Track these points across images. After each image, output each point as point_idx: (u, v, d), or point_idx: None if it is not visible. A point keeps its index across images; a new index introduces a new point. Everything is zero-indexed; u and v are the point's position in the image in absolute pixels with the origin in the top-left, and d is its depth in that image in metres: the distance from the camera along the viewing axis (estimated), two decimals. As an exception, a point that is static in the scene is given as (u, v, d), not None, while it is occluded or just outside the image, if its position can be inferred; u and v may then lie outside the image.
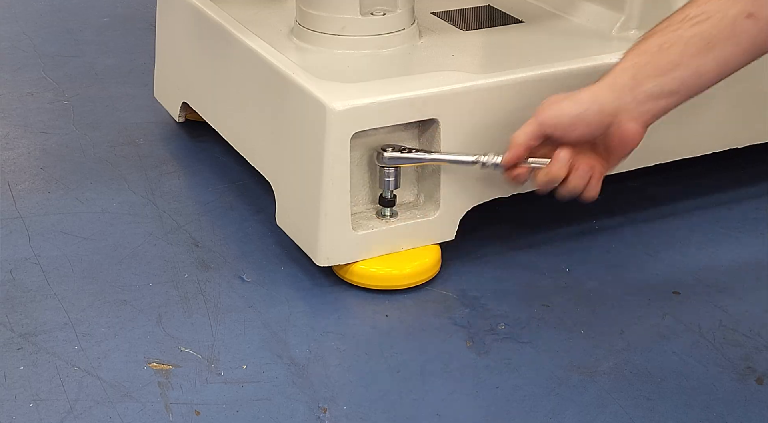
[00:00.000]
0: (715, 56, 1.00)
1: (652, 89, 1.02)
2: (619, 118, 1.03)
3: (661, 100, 1.03)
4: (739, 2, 0.99)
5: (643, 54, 1.03)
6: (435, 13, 1.42)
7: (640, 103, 1.03)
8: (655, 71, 1.02)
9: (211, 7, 1.40)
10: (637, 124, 1.04)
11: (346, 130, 1.14)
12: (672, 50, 1.01)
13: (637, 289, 1.21)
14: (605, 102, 1.03)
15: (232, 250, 1.28)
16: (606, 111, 1.03)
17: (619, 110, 1.03)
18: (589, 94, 1.04)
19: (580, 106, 1.04)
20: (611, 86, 1.03)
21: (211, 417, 1.01)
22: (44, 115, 1.65)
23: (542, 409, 1.02)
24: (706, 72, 1.01)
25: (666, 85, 1.02)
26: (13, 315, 1.15)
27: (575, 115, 1.04)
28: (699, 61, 1.01)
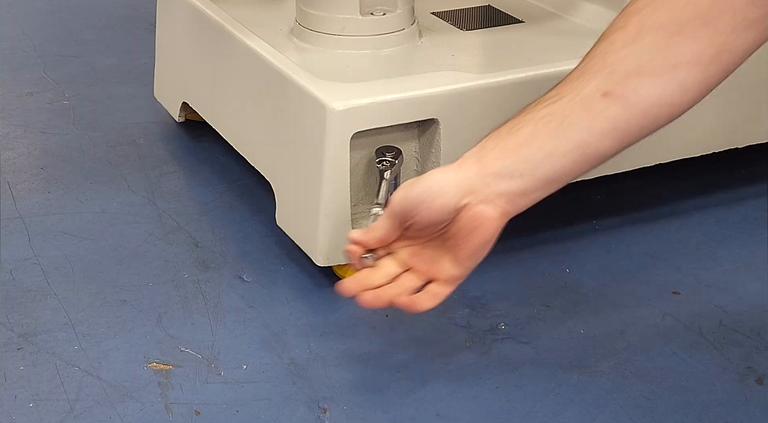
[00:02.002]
0: (570, 138, 0.90)
1: (501, 170, 0.92)
2: (469, 199, 0.93)
3: (513, 181, 0.92)
4: (595, 79, 0.90)
5: (491, 138, 0.93)
6: (435, 13, 1.42)
7: (490, 184, 0.92)
8: (502, 153, 0.92)
9: (211, 7, 1.40)
10: (491, 207, 0.93)
11: (346, 130, 1.14)
12: (521, 132, 0.92)
13: (637, 289, 1.21)
14: (450, 181, 0.93)
15: (232, 250, 1.28)
16: (452, 190, 0.93)
17: (468, 191, 0.93)
18: (435, 175, 0.94)
19: (423, 185, 0.94)
20: (458, 167, 0.94)
21: (211, 417, 1.01)
22: (44, 115, 1.65)
23: (542, 409, 1.02)
24: (563, 154, 0.91)
25: (515, 166, 0.92)
26: (13, 315, 1.15)
27: (418, 194, 0.94)
28: (553, 142, 0.91)
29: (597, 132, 0.91)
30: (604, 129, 0.91)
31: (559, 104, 0.91)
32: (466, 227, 0.94)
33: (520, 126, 0.92)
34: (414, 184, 0.95)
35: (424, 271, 0.98)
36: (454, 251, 0.96)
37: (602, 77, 0.90)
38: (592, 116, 0.90)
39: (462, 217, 0.94)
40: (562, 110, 0.91)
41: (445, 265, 0.97)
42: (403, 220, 0.96)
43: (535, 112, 0.92)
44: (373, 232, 0.98)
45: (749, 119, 1.36)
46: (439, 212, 0.94)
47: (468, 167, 0.93)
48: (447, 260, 0.97)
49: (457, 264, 0.97)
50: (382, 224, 0.97)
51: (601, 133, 0.91)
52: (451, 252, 0.97)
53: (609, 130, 0.91)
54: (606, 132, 0.91)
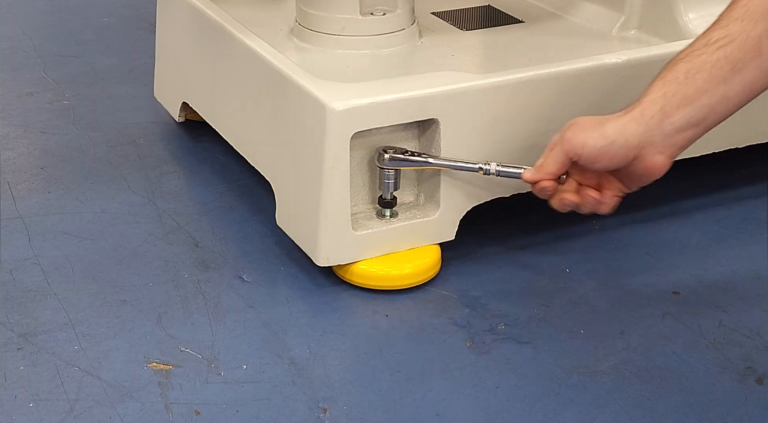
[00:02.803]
0: (742, 79, 0.98)
1: (680, 121, 1.00)
2: (645, 151, 1.02)
3: (688, 131, 1.01)
4: (762, 21, 0.97)
5: (670, 82, 1.01)
6: (435, 13, 1.42)
7: (667, 136, 1.01)
8: (682, 101, 1.00)
9: (211, 7, 1.40)
10: (663, 156, 1.03)
11: (346, 130, 1.14)
12: (699, 77, 0.99)
13: (637, 289, 1.21)
14: (631, 136, 1.01)
15: (232, 250, 1.28)
16: (632, 145, 1.02)
17: (646, 144, 1.01)
18: (616, 127, 1.02)
19: (605, 139, 1.02)
20: (639, 119, 1.02)
21: (211, 417, 1.01)
22: (44, 115, 1.65)
23: (542, 409, 1.02)
24: (734, 96, 0.99)
25: (694, 116, 1.00)
26: (13, 315, 1.15)
27: (600, 147, 1.02)
28: (726, 86, 0.99)
29: (765, 71, 0.98)
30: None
31: (731, 47, 0.98)
32: (639, 171, 1.04)
33: (696, 70, 0.99)
34: (594, 133, 1.03)
35: (593, 186, 1.08)
36: (624, 182, 1.07)
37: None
38: (763, 55, 0.97)
39: (638, 163, 1.03)
40: (734, 54, 0.98)
41: (613, 183, 1.08)
42: (577, 162, 1.05)
43: (708, 55, 0.99)
44: (547, 167, 1.07)
45: (749, 119, 1.36)
46: (618, 164, 1.04)
47: (651, 118, 1.01)
48: (615, 181, 1.08)
49: (624, 187, 1.08)
50: (555, 162, 1.06)
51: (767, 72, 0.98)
52: (620, 181, 1.07)
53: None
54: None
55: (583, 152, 1.03)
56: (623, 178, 1.07)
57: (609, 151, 1.02)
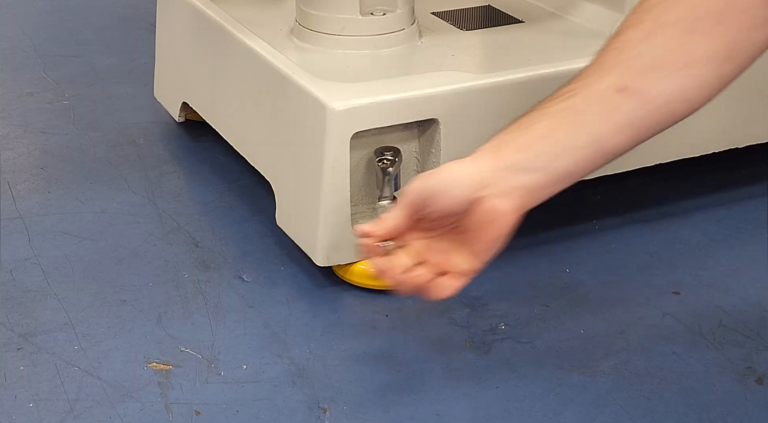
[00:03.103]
0: (586, 133, 0.91)
1: (518, 164, 0.92)
2: (484, 192, 0.92)
3: (530, 175, 0.92)
4: (611, 75, 0.90)
5: (509, 132, 0.93)
6: (435, 13, 1.42)
7: (506, 178, 0.92)
8: (518, 147, 0.92)
9: (211, 7, 1.40)
10: (505, 201, 0.93)
11: (346, 130, 1.14)
12: (538, 126, 0.92)
13: (637, 289, 1.21)
14: (467, 173, 0.93)
15: (232, 250, 1.28)
16: (466, 182, 0.93)
17: (483, 184, 0.92)
18: (451, 166, 0.94)
19: (438, 176, 0.94)
20: (473, 160, 0.93)
21: (211, 417, 1.01)
22: (44, 115, 1.65)
23: (542, 409, 1.02)
24: (580, 148, 0.91)
25: (532, 160, 0.92)
26: (13, 315, 1.15)
27: (433, 184, 0.94)
28: (569, 137, 0.91)
29: (613, 127, 0.91)
30: (621, 124, 0.91)
31: (575, 99, 0.92)
32: (480, 221, 0.94)
33: (536, 120, 0.93)
34: (429, 176, 0.95)
35: (436, 264, 0.97)
36: (468, 245, 0.96)
37: (618, 73, 0.91)
38: (609, 111, 0.91)
39: (476, 210, 0.93)
40: (578, 105, 0.91)
41: (458, 258, 0.97)
42: (417, 211, 0.96)
43: (551, 107, 0.93)
44: (385, 222, 0.97)
45: (749, 119, 1.36)
46: (453, 204, 0.94)
47: (484, 160, 0.93)
48: (460, 254, 0.97)
49: (470, 257, 0.96)
50: (395, 214, 0.97)
51: (618, 128, 0.91)
52: (464, 245, 0.96)
53: (625, 125, 0.91)
54: (622, 127, 0.91)
55: (417, 194, 0.94)
56: (470, 239, 0.95)
57: (443, 190, 0.93)
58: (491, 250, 0.96)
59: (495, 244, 0.95)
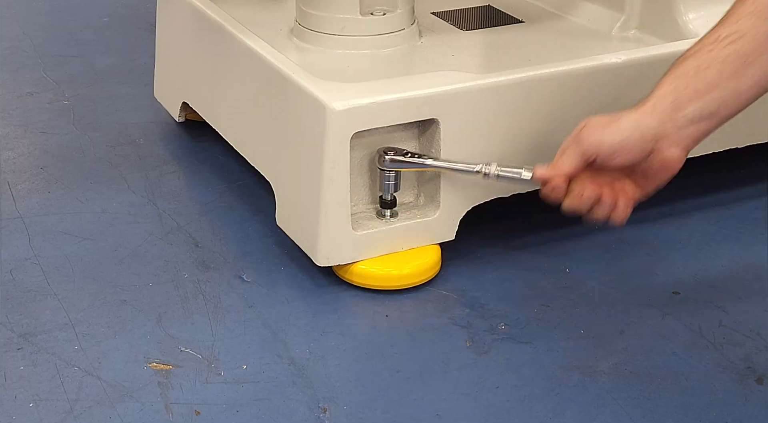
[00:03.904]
0: (753, 74, 0.98)
1: (692, 113, 1.00)
2: (660, 144, 1.02)
3: (701, 124, 1.01)
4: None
5: (680, 77, 1.01)
6: (435, 13, 1.42)
7: (681, 128, 1.01)
8: (694, 94, 1.00)
9: (211, 7, 1.40)
10: (678, 149, 1.02)
11: (346, 130, 1.14)
12: (709, 72, 0.99)
13: (637, 289, 1.21)
14: (646, 129, 1.01)
15: (232, 250, 1.28)
16: (647, 138, 1.01)
17: (661, 136, 1.01)
18: (630, 121, 1.02)
19: (621, 133, 1.02)
20: (651, 112, 1.01)
21: (211, 417, 1.01)
22: (44, 115, 1.65)
23: (542, 409, 1.02)
24: (745, 90, 0.99)
25: (705, 108, 1.00)
26: (13, 315, 1.15)
27: (616, 143, 1.02)
28: (737, 80, 0.99)
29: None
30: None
31: (741, 43, 0.98)
32: (655, 167, 1.03)
33: (707, 65, 0.99)
34: (609, 129, 1.02)
35: (606, 192, 1.06)
36: (640, 181, 1.06)
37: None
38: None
39: (653, 158, 1.03)
40: (744, 49, 0.98)
41: (627, 187, 1.07)
42: (594, 160, 1.04)
43: (719, 51, 0.99)
44: (562, 166, 1.05)
45: (749, 119, 1.36)
46: (635, 158, 1.03)
47: (663, 111, 1.01)
48: (629, 184, 1.07)
49: (640, 189, 1.07)
50: (571, 160, 1.04)
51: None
52: (636, 181, 1.06)
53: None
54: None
55: (601, 149, 1.03)
56: (639, 178, 1.06)
57: (626, 146, 1.02)
58: (660, 185, 1.07)
59: (665, 181, 1.06)
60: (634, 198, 1.08)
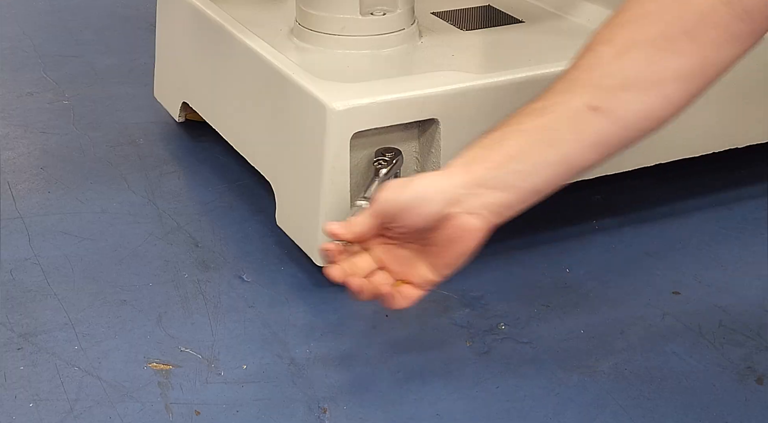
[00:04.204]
0: (557, 152, 0.92)
1: (489, 181, 0.93)
2: (454, 209, 0.93)
3: (499, 193, 0.93)
4: (584, 94, 0.91)
5: (480, 148, 0.94)
6: (435, 13, 1.42)
7: (476, 195, 0.93)
8: (490, 164, 0.93)
9: (211, 7, 1.40)
10: (475, 219, 0.93)
11: (346, 130, 1.14)
12: (510, 143, 0.93)
13: (637, 289, 1.21)
14: (437, 189, 0.93)
15: (232, 250, 1.28)
16: (436, 198, 0.93)
17: (455, 201, 0.93)
18: (423, 180, 0.95)
19: (411, 191, 0.94)
20: (446, 175, 0.94)
21: (211, 417, 1.01)
22: (44, 115, 1.65)
23: (542, 409, 1.02)
24: (550, 166, 0.92)
25: (503, 177, 0.92)
26: (13, 315, 1.15)
27: (405, 200, 0.94)
28: (541, 154, 0.92)
29: (584, 145, 0.92)
30: (591, 142, 0.92)
31: (547, 117, 0.92)
32: (448, 236, 0.95)
33: (508, 137, 0.93)
34: (401, 188, 0.95)
35: (398, 271, 0.99)
36: (433, 257, 0.97)
37: (590, 92, 0.92)
38: (581, 130, 0.92)
39: (446, 226, 0.94)
40: (549, 123, 0.92)
41: (420, 269, 0.98)
42: (386, 222, 0.96)
43: (523, 124, 0.93)
44: (353, 227, 0.98)
45: (749, 119, 1.36)
46: (423, 219, 0.94)
47: (456, 176, 0.94)
48: (423, 265, 0.98)
49: (433, 270, 0.98)
50: (363, 221, 0.97)
51: (588, 146, 0.92)
52: (429, 258, 0.97)
53: (596, 144, 0.92)
54: (593, 145, 0.92)
55: (390, 206, 0.95)
56: (435, 252, 0.96)
57: (418, 204, 0.94)
58: (456, 264, 0.97)
59: (460, 260, 0.97)
60: (426, 284, 0.99)
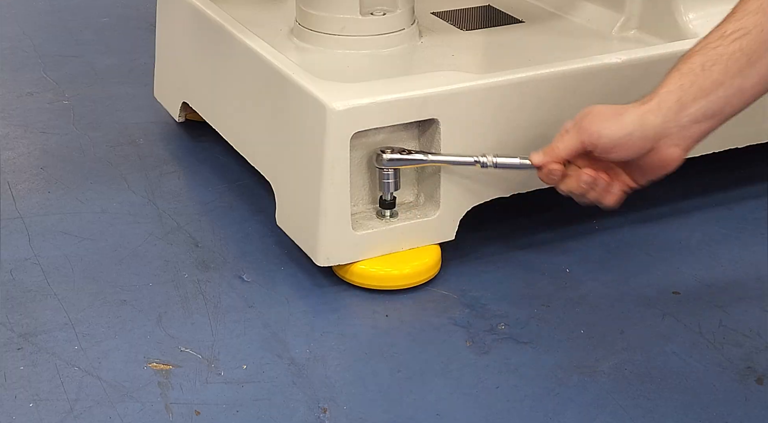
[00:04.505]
0: (757, 71, 0.98)
1: (697, 112, 1.00)
2: (662, 142, 1.01)
3: (704, 123, 1.00)
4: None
5: (686, 74, 1.00)
6: (435, 13, 1.42)
7: (684, 127, 1.00)
8: (699, 93, 0.99)
9: (211, 7, 1.40)
10: (678, 149, 1.02)
11: (346, 130, 1.14)
12: (715, 69, 0.99)
13: (637, 289, 1.21)
14: (649, 126, 1.01)
15: (232, 250, 1.28)
16: (649, 136, 1.01)
17: (663, 135, 1.01)
18: (634, 117, 1.01)
19: (623, 129, 1.01)
20: (655, 110, 1.01)
21: (211, 417, 1.01)
22: (44, 115, 1.65)
23: (542, 409, 1.02)
24: (749, 87, 0.99)
25: (710, 108, 0.99)
26: (13, 315, 1.15)
27: (617, 138, 1.02)
28: (741, 78, 0.98)
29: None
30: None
31: (747, 40, 0.97)
32: (654, 163, 1.03)
33: (712, 62, 0.99)
34: (613, 123, 1.02)
35: (604, 177, 1.07)
36: (635, 174, 1.06)
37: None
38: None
39: (653, 155, 1.02)
40: (750, 46, 0.97)
41: (623, 176, 1.07)
42: (591, 152, 1.04)
43: (724, 48, 0.98)
44: (557, 152, 1.06)
45: (749, 119, 1.36)
46: (634, 154, 1.03)
47: (668, 109, 1.00)
48: (625, 174, 1.07)
49: (635, 180, 1.07)
50: (568, 147, 1.05)
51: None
52: (630, 173, 1.07)
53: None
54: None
55: (600, 142, 1.03)
56: (634, 170, 1.06)
57: (626, 142, 1.02)
58: (657, 178, 1.06)
59: (659, 175, 1.06)
60: (627, 187, 1.08)
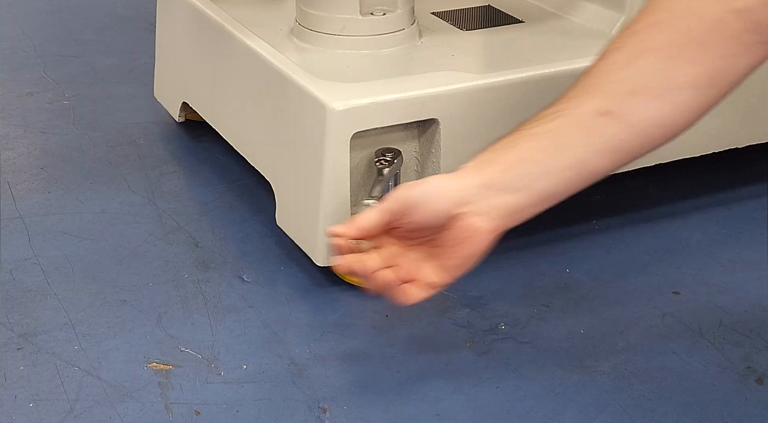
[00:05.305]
0: (568, 156, 0.92)
1: (499, 184, 0.92)
2: (465, 209, 0.93)
3: (509, 195, 0.92)
4: (595, 99, 0.91)
5: (491, 151, 0.94)
6: (435, 13, 1.42)
7: (486, 197, 0.93)
8: (501, 166, 0.93)
9: (211, 7, 1.40)
10: (484, 221, 0.93)
11: (346, 130, 1.14)
12: (521, 146, 0.93)
13: (637, 289, 1.21)
14: (447, 190, 0.93)
15: (232, 250, 1.28)
16: (447, 199, 0.93)
17: (465, 201, 0.93)
18: (435, 181, 0.95)
19: (423, 188, 0.95)
20: (457, 176, 0.94)
21: (211, 417, 1.01)
22: (44, 115, 1.65)
23: (542, 409, 1.02)
24: (561, 171, 0.92)
25: (513, 180, 0.92)
26: (13, 315, 1.16)
27: (417, 196, 0.94)
28: (551, 158, 0.92)
29: (595, 150, 0.92)
30: (602, 147, 0.92)
31: (559, 122, 0.92)
32: (456, 237, 0.94)
33: (520, 141, 0.93)
34: (412, 186, 0.96)
35: (406, 271, 0.98)
36: (441, 259, 0.97)
37: (602, 96, 0.92)
38: (591, 134, 0.91)
39: (454, 226, 0.94)
40: (561, 127, 0.92)
41: (427, 270, 0.97)
42: (395, 219, 0.96)
43: (535, 128, 0.93)
44: (358, 223, 0.97)
45: (749, 119, 1.36)
46: (431, 217, 0.94)
47: (467, 177, 0.94)
48: (431, 266, 0.97)
49: (441, 272, 0.97)
50: (371, 216, 0.97)
51: (599, 152, 0.92)
52: (437, 259, 0.97)
53: (607, 149, 0.92)
54: (603, 150, 0.92)
55: (401, 202, 0.95)
56: (443, 254, 0.96)
57: (427, 200, 0.94)
58: (463, 267, 0.97)
59: (468, 262, 0.96)
60: (433, 285, 0.98)
